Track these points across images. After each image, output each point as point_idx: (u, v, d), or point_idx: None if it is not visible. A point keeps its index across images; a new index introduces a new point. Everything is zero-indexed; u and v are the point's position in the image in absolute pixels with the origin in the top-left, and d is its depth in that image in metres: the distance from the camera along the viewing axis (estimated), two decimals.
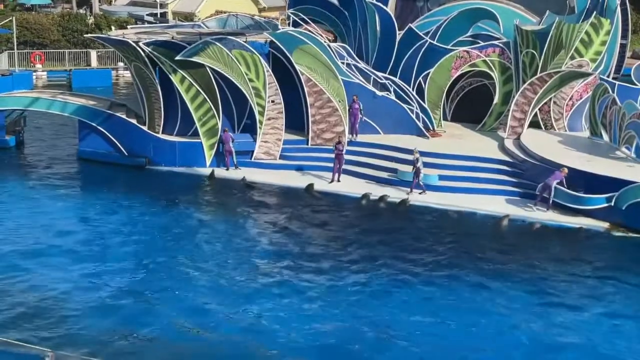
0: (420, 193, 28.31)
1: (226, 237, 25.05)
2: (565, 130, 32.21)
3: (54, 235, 24.58)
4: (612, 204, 25.63)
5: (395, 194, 28.32)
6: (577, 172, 26.78)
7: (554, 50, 31.00)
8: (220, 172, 30.80)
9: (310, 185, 29.19)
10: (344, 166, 29.89)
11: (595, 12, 31.13)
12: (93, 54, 52.24)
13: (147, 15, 59.90)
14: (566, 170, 26.57)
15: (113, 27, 48.63)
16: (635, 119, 27.77)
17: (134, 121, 32.26)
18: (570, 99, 32.04)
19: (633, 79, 32.38)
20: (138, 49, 30.74)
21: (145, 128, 32.05)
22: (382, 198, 28.09)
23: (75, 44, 53.76)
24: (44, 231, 24.89)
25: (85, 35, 45.99)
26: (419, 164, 28.14)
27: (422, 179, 28.26)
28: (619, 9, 32.20)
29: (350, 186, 29.25)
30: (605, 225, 25.92)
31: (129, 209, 27.33)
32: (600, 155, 28.47)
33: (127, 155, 31.90)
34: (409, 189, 28.32)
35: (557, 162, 27.42)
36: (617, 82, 31.11)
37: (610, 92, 29.56)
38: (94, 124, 32.15)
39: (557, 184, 26.48)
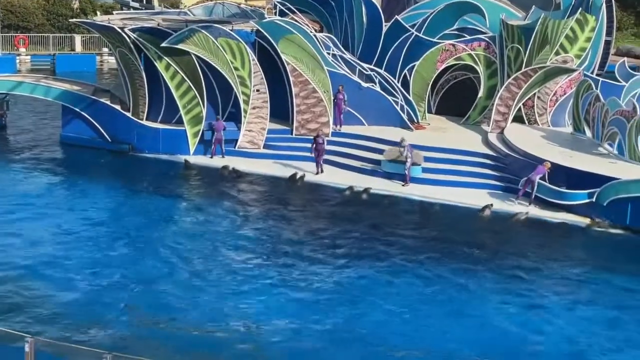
0: (403, 185, 28.41)
1: (204, 225, 24.94)
2: (549, 126, 32.38)
3: (31, 219, 24.43)
4: (594, 199, 25.80)
5: (378, 186, 28.39)
6: (559, 167, 26.92)
7: (539, 45, 31.12)
8: (200, 160, 30.76)
9: (294, 175, 29.19)
10: (328, 156, 29.93)
11: (580, 9, 31.28)
12: (77, 39, 51.99)
13: (133, 1, 59.54)
14: (549, 164, 26.72)
15: (98, 13, 48.37)
16: (618, 116, 27.94)
17: (117, 107, 32.16)
18: (554, 94, 32.21)
19: (617, 75, 32.58)
20: (123, 35, 30.61)
21: (129, 114, 31.94)
22: (365, 190, 28.14)
23: (59, 28, 53.49)
24: (20, 214, 24.75)
25: (70, 20, 45.77)
26: (406, 153, 28.24)
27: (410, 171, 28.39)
28: (604, 5, 32.35)
29: (333, 177, 29.28)
30: (587, 220, 26.10)
31: (108, 194, 27.30)
32: (583, 151, 28.63)
33: (110, 141, 31.80)
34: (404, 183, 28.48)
35: (540, 157, 27.56)
36: (601, 79, 31.30)
37: (594, 88, 29.72)
38: (77, 109, 32.05)
39: (540, 178, 26.62)
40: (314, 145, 29.38)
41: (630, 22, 59.94)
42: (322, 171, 29.50)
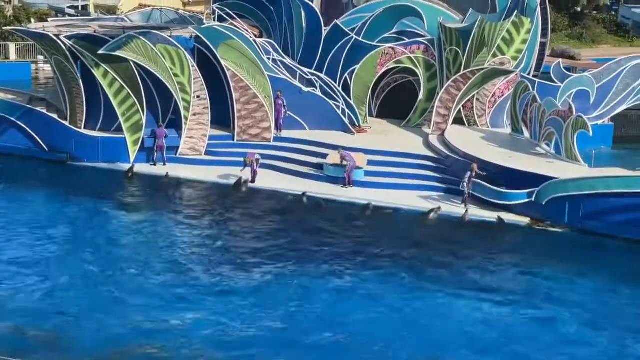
0: (342, 186, 28.50)
1: (145, 234, 24.76)
2: (488, 127, 32.77)
3: None
4: (533, 199, 26.19)
5: (321, 190, 28.40)
6: (498, 167, 27.29)
7: (477, 47, 31.50)
8: (141, 168, 30.38)
9: (238, 181, 28.99)
10: (271, 162, 29.84)
11: (516, 11, 31.75)
12: (11, 47, 50.79)
13: (68, 7, 58.61)
14: (475, 166, 27.04)
15: (33, 20, 47.51)
16: (554, 116, 28.43)
17: (54, 116, 31.59)
18: (493, 96, 32.62)
19: (552, 76, 33.15)
20: (59, 42, 30.10)
21: (66, 123, 31.41)
22: (305, 194, 28.10)
23: None
24: None
25: (3, 28, 44.77)
26: (344, 161, 28.43)
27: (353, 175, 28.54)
28: (539, 8, 32.88)
29: (276, 182, 29.19)
30: (526, 220, 26.48)
31: (44, 204, 26.92)
32: (521, 152, 29.05)
33: (47, 151, 31.24)
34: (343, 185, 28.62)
35: (480, 158, 27.88)
36: (537, 80, 31.81)
37: (531, 89, 30.19)
38: (12, 119, 31.36)
39: (469, 178, 26.93)
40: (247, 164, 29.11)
41: (565, 23, 60.95)
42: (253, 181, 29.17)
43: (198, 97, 30.82)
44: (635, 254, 24.54)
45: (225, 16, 33.08)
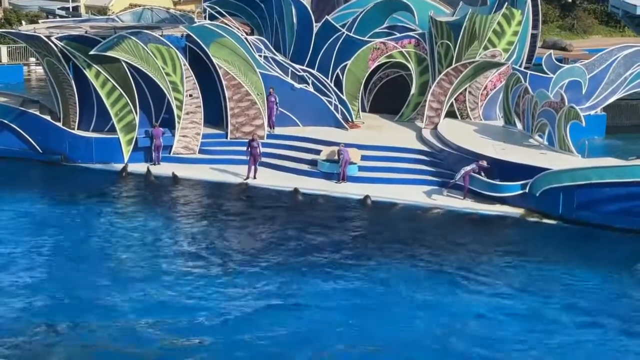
0: (336, 182, 28.56)
1: (140, 233, 24.75)
2: (481, 119, 32.84)
3: None
4: (527, 190, 26.27)
5: (316, 186, 28.46)
6: (492, 160, 27.35)
7: (468, 40, 31.55)
8: (136, 167, 30.37)
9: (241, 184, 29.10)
10: (265, 159, 29.86)
11: (506, 3, 31.79)
12: (3, 50, 50.79)
13: (59, 9, 58.53)
14: (485, 162, 27.10)
15: (24, 22, 47.46)
16: (547, 108, 28.50)
17: (47, 117, 31.60)
18: (485, 88, 32.68)
19: (544, 68, 33.22)
20: (50, 43, 30.09)
21: (59, 124, 31.41)
22: (297, 190, 28.14)
23: None
24: None
25: None
26: (340, 156, 28.52)
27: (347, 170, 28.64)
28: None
29: (270, 179, 29.23)
30: (520, 211, 26.57)
31: (39, 205, 26.93)
32: (514, 143, 29.11)
33: (41, 152, 31.24)
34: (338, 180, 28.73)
35: (474, 150, 27.95)
36: (529, 72, 31.86)
37: (523, 81, 30.25)
38: (5, 121, 31.37)
39: (473, 172, 27.00)
40: (249, 149, 29.23)
41: (556, 14, 61.14)
42: (254, 177, 29.28)
43: (190, 95, 30.83)
44: (628, 243, 24.63)
45: (216, 14, 33.09)
